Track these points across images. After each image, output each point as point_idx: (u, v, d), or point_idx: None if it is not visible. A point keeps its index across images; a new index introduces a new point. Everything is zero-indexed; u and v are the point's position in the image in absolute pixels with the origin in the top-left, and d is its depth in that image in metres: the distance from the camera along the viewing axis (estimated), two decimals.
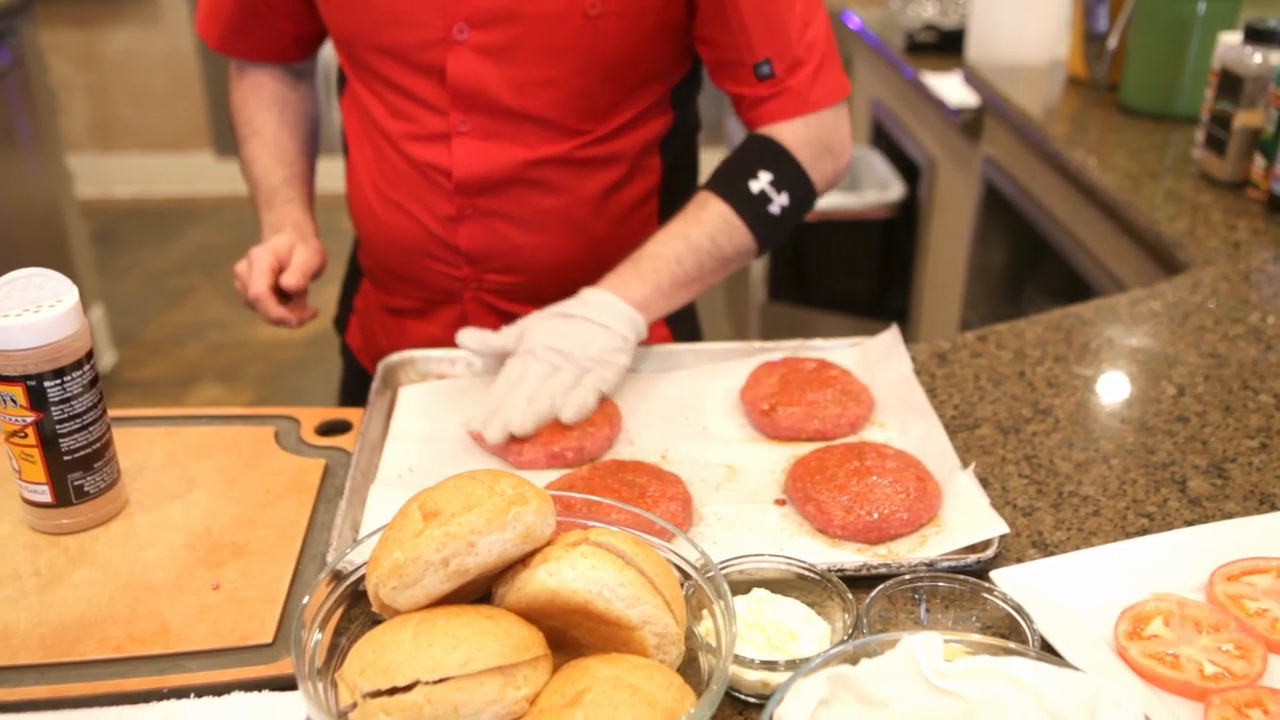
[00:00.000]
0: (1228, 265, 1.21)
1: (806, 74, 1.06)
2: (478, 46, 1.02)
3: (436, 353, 1.03)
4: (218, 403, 2.77)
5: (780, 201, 1.04)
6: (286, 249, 1.05)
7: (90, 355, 0.79)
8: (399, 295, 1.20)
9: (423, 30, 1.02)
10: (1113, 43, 1.73)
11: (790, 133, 1.06)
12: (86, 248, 2.78)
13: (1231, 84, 1.38)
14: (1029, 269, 1.93)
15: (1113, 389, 0.96)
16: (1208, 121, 1.43)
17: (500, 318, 1.14)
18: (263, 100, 1.20)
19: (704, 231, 1.03)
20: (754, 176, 1.04)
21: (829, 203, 2.30)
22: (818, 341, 1.03)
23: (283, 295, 1.06)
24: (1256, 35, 1.37)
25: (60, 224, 2.64)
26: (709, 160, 1.16)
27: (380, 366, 1.01)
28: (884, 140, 2.46)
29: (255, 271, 1.03)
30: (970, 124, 1.93)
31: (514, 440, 0.89)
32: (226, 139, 3.96)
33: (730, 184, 1.05)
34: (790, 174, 1.05)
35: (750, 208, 1.04)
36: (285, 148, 1.19)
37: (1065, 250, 1.60)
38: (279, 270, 1.04)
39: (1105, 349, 1.03)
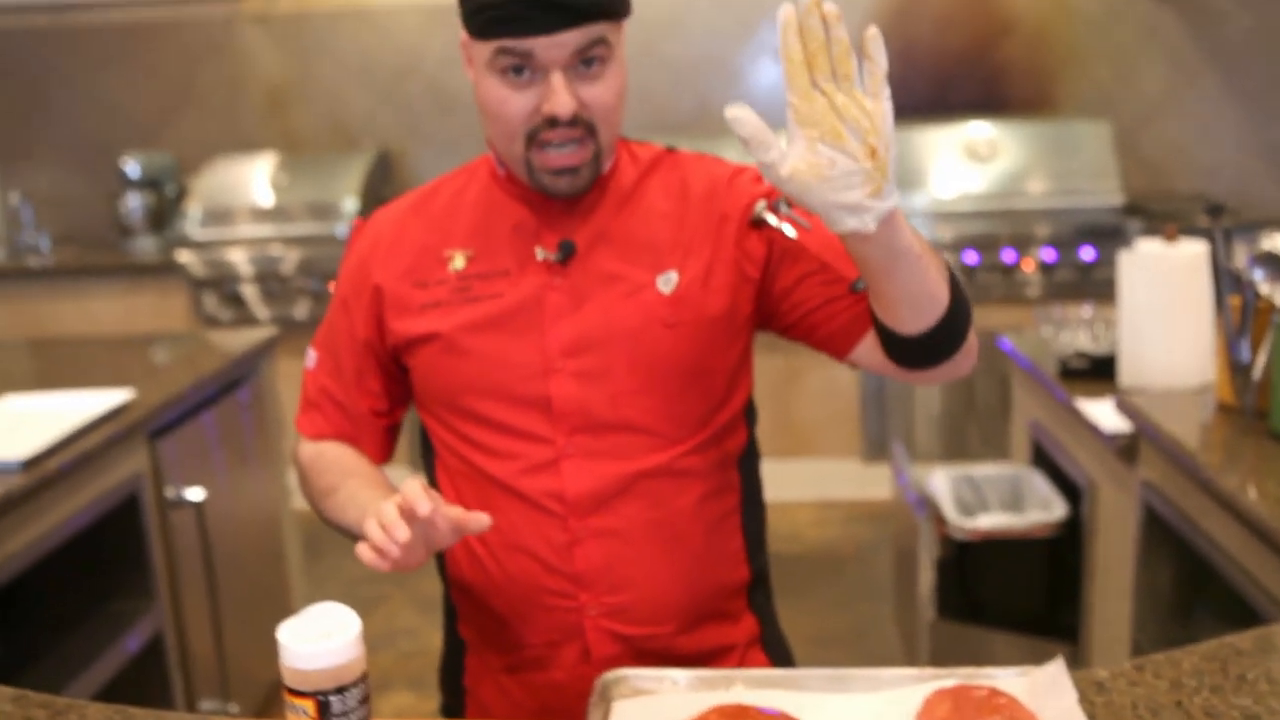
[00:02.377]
0: None
1: None
2: (576, 372, 1.20)
3: (649, 671, 1.10)
4: (408, 710, 2.90)
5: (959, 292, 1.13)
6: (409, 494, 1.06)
7: (365, 675, 0.95)
8: (517, 648, 1.25)
9: (523, 368, 1.20)
10: (1257, 374, 1.83)
11: None
12: (299, 555, 3.04)
13: None
14: (1197, 592, 1.96)
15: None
16: None
17: (622, 644, 1.22)
18: (346, 459, 1.31)
19: (929, 250, 1.09)
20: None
21: (994, 522, 2.39)
22: (989, 670, 1.11)
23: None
24: None
25: (278, 534, 2.92)
26: None
27: (598, 683, 1.07)
28: (1044, 460, 2.56)
29: (392, 522, 1.04)
30: (1126, 449, 2.03)
31: None
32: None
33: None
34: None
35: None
36: (380, 479, 1.29)
37: (1229, 575, 1.65)
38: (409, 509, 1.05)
39: (1262, 680, 1.09)
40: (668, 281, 1.21)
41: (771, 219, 1.22)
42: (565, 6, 1.10)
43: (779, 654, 1.36)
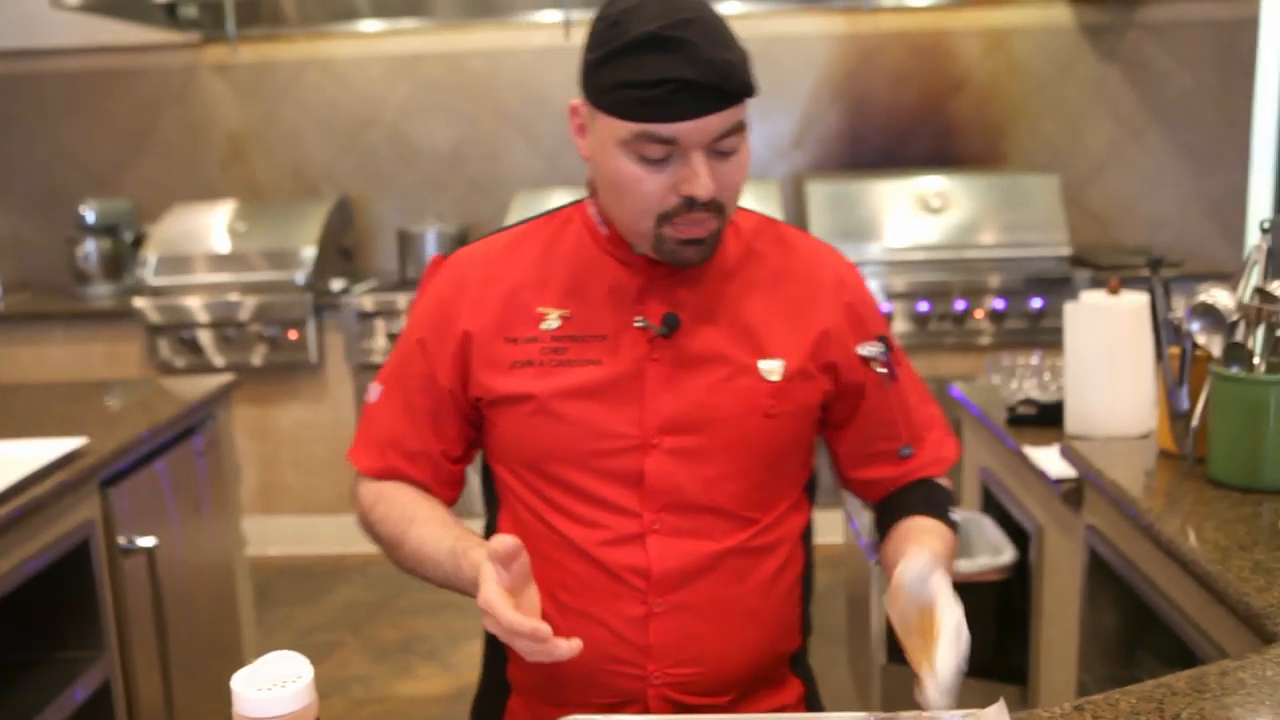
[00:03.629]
0: None
1: (935, 440, 1.33)
2: (672, 450, 1.19)
3: (610, 718, 1.12)
4: None
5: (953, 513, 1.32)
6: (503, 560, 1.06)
7: None
8: (574, 705, 1.21)
9: (618, 440, 1.18)
10: (1195, 422, 1.88)
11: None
12: (250, 604, 3.02)
13: None
14: (1140, 633, 2.00)
15: None
16: None
17: (680, 710, 1.22)
18: (414, 495, 1.28)
19: (948, 547, 1.25)
20: (949, 510, 1.32)
21: None
22: (935, 714, 1.14)
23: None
24: None
25: (230, 582, 2.89)
26: None
27: None
28: (993, 506, 2.60)
29: (491, 594, 1.03)
30: (1071, 494, 2.07)
31: None
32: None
33: (941, 515, 1.29)
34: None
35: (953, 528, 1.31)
36: (449, 519, 1.24)
37: (1169, 617, 1.69)
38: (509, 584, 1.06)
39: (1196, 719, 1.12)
40: (772, 370, 1.21)
41: (872, 362, 1.27)
42: (715, 90, 1.08)
43: (819, 711, 1.38)
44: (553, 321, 1.21)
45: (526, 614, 1.05)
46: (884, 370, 1.26)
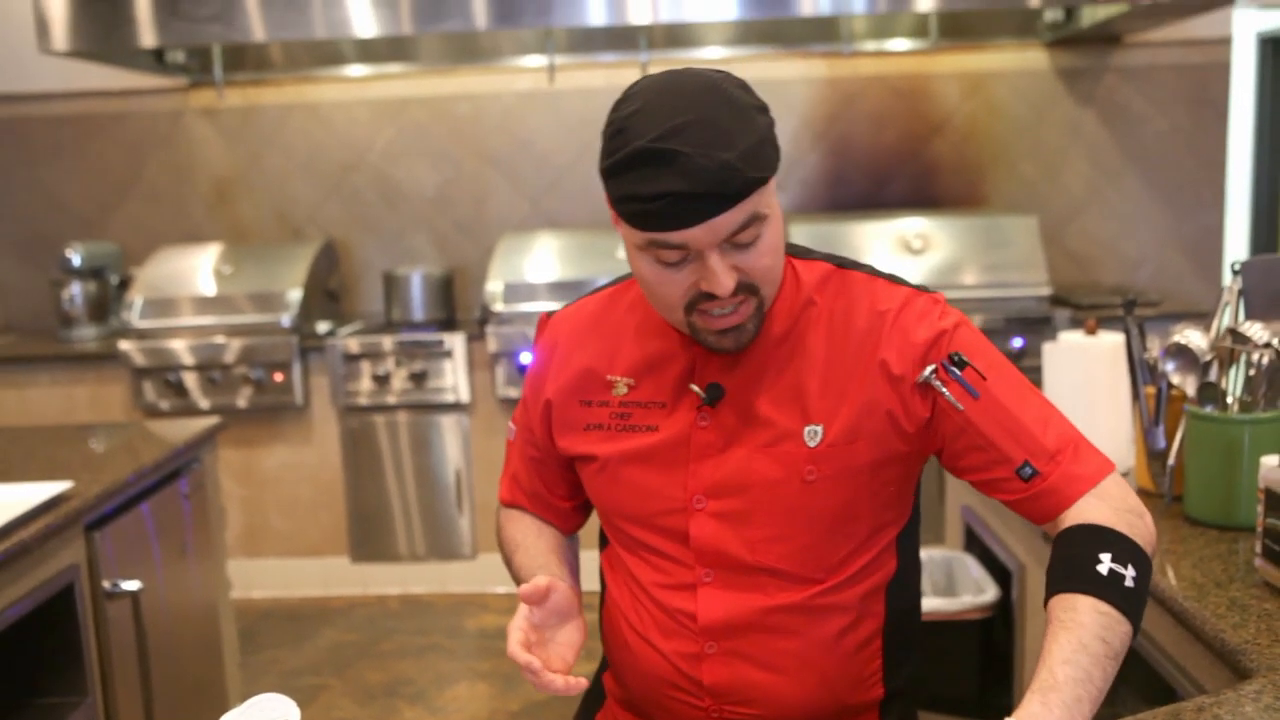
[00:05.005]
0: None
1: (1068, 458, 1.18)
2: (715, 513, 1.23)
3: None
4: None
5: (1130, 574, 1.10)
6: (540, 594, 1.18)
7: None
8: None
9: (667, 502, 1.24)
10: (1172, 460, 1.91)
11: (1092, 511, 1.16)
12: (235, 647, 3.01)
13: (1276, 502, 1.54)
14: (1121, 670, 2.01)
15: None
16: (1262, 534, 1.58)
17: None
18: (527, 524, 1.42)
19: (1094, 635, 1.06)
20: (1097, 562, 1.10)
21: (927, 605, 2.43)
22: None
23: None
24: None
25: (215, 625, 2.88)
26: None
27: None
28: (976, 544, 2.61)
29: (512, 626, 1.17)
30: (1050, 535, 2.08)
31: None
32: (363, 544, 4.28)
33: (1081, 578, 1.09)
34: (1123, 546, 1.12)
35: (1113, 591, 1.09)
36: (541, 549, 1.36)
37: (1148, 653, 1.71)
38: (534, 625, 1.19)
39: None
40: (813, 435, 1.21)
41: (939, 385, 1.20)
42: (714, 195, 1.07)
43: None
44: (621, 389, 1.29)
45: (560, 647, 1.19)
46: (950, 391, 1.19)
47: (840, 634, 1.26)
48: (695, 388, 1.24)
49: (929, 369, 1.20)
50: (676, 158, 1.06)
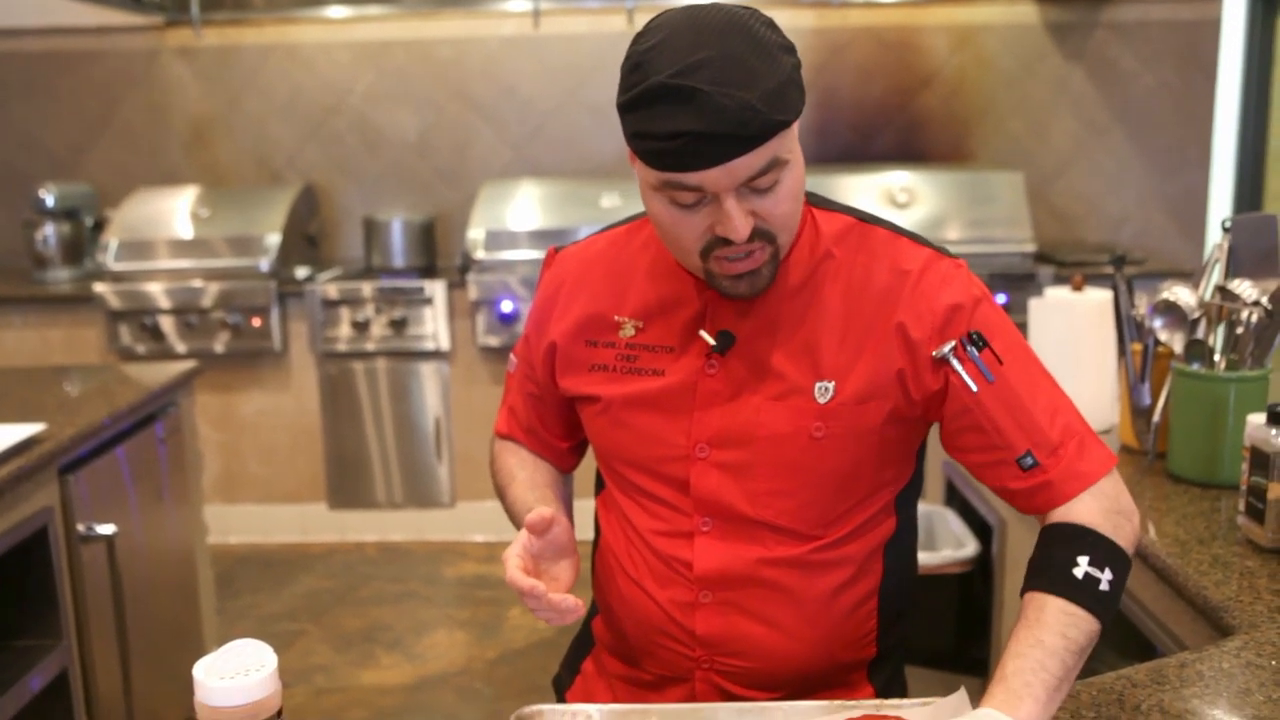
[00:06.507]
0: (1272, 630, 1.32)
1: (1070, 454, 1.16)
2: (717, 463, 1.20)
3: (567, 707, 1.14)
4: None
5: (1106, 578, 1.10)
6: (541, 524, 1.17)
7: (280, 712, 0.95)
8: (635, 668, 1.31)
9: (670, 449, 1.22)
10: (1156, 418, 1.90)
11: (1082, 510, 1.14)
12: (211, 592, 2.99)
13: (1261, 460, 1.54)
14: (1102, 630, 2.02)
15: None
16: (1245, 492, 1.58)
17: (727, 700, 1.24)
18: (523, 456, 1.40)
19: (1054, 631, 1.06)
20: (1074, 564, 1.09)
21: None
22: (894, 700, 1.15)
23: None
24: (1278, 418, 1.53)
25: (192, 570, 2.87)
26: None
27: (514, 717, 1.11)
28: (956, 499, 2.62)
29: (509, 552, 1.15)
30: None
31: None
32: (340, 491, 4.26)
33: (1054, 578, 1.09)
34: (1103, 549, 1.11)
35: (1084, 594, 1.09)
36: (538, 482, 1.35)
37: (1129, 610, 1.71)
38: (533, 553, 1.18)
39: (1155, 712, 1.14)
40: (824, 391, 1.18)
41: (955, 363, 1.16)
42: (733, 137, 1.03)
43: None
44: (628, 330, 1.25)
45: (554, 580, 1.17)
46: (966, 370, 1.16)
47: (836, 591, 1.25)
48: (705, 334, 1.20)
49: (948, 346, 1.17)
50: (695, 95, 1.02)
